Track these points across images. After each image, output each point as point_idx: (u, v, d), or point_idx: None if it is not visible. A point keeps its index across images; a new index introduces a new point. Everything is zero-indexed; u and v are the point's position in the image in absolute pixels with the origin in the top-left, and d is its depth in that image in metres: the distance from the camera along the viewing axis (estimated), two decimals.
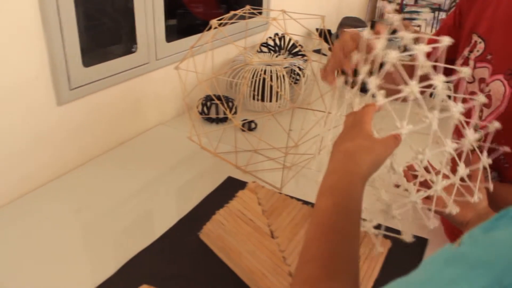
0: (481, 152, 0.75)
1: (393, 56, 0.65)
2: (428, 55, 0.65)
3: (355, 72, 0.72)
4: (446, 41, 0.66)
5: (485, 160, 0.74)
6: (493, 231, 0.40)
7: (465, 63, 0.86)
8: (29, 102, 1.08)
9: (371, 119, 0.66)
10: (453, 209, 0.70)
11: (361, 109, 0.68)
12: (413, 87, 0.63)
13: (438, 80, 0.65)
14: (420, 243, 0.95)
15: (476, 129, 0.78)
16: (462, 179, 0.72)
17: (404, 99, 0.65)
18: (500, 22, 0.81)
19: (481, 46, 0.84)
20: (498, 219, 0.41)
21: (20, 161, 1.10)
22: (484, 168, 0.75)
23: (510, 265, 0.36)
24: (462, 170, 0.70)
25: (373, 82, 0.65)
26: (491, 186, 0.76)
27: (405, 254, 0.89)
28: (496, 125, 0.74)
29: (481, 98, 0.72)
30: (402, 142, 0.64)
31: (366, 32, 0.69)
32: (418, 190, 0.71)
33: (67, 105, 1.17)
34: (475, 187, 0.74)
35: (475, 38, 0.86)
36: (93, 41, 1.31)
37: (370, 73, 0.68)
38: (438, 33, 0.89)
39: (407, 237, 0.72)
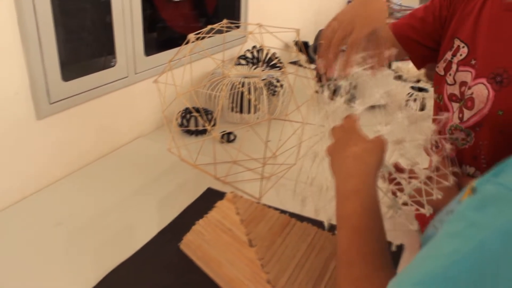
0: (442, 144, 0.81)
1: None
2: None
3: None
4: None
5: (448, 148, 0.80)
6: (504, 175, 0.45)
7: (448, 66, 0.91)
8: (9, 117, 1.09)
9: (359, 126, 0.74)
10: (438, 194, 0.76)
11: (345, 120, 0.76)
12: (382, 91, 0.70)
13: (399, 85, 0.73)
14: (396, 249, 0.97)
15: (460, 129, 0.85)
16: (437, 169, 0.79)
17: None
18: (483, 28, 0.84)
19: (464, 50, 0.87)
20: (502, 168, 0.47)
21: None
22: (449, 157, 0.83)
23: None
24: (436, 159, 0.77)
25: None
26: (458, 170, 0.84)
27: None
28: (446, 115, 0.83)
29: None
30: None
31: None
32: (401, 188, 0.78)
33: (47, 119, 1.18)
34: (446, 173, 0.81)
35: (457, 42, 0.89)
36: (72, 55, 1.31)
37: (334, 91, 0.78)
38: (424, 9, 0.98)
39: (414, 226, 0.79)
